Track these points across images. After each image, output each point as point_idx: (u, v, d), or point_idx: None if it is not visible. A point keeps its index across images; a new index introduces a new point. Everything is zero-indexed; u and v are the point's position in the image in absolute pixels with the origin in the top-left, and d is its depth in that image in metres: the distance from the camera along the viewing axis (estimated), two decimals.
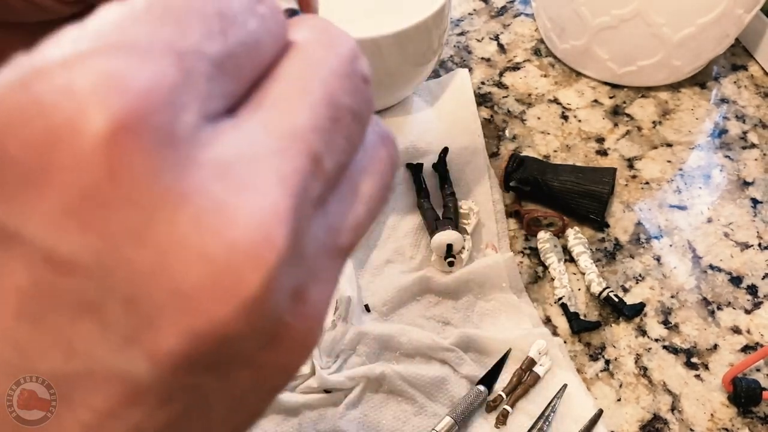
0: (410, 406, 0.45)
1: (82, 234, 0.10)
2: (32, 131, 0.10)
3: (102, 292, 0.11)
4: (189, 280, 0.11)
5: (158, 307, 0.11)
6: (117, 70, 0.11)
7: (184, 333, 0.11)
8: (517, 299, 0.50)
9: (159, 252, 0.11)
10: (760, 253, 0.54)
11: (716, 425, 0.45)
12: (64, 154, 0.10)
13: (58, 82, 0.10)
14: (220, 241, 0.11)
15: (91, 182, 0.10)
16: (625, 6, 0.58)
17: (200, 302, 0.11)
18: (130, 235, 0.11)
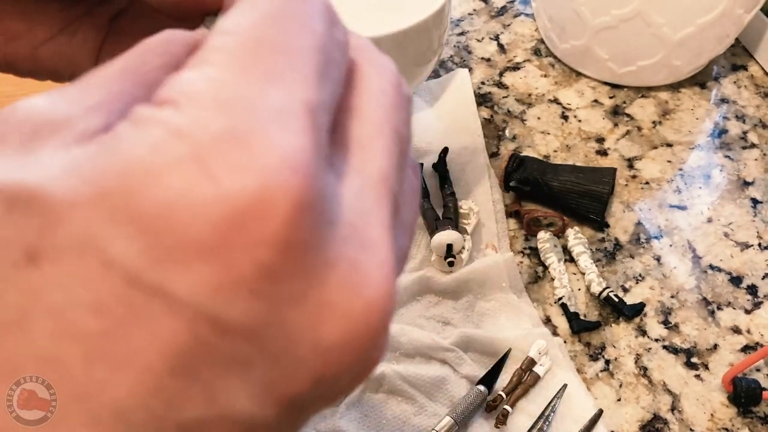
0: (410, 406, 0.45)
1: (251, 302, 0.11)
2: (213, 209, 0.11)
3: (255, 351, 0.12)
4: (332, 337, 0.12)
5: (300, 361, 0.12)
6: (280, 144, 0.11)
7: (313, 379, 0.12)
8: (517, 299, 0.50)
9: (311, 314, 0.12)
10: (760, 253, 0.54)
11: (716, 425, 0.45)
12: (246, 233, 0.11)
13: (232, 159, 0.11)
14: (359, 301, 0.12)
15: (269, 259, 0.11)
16: (625, 6, 0.58)
17: (339, 355, 0.12)
18: (292, 302, 0.12)
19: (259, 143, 0.11)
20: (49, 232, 0.11)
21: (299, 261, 0.11)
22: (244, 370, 0.12)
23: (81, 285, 0.11)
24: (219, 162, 0.11)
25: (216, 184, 0.11)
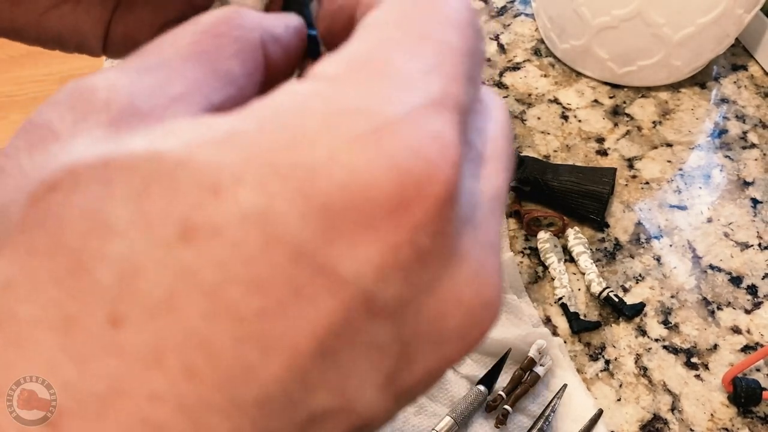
0: (410, 405, 0.45)
1: (401, 285, 0.11)
2: (387, 185, 0.11)
3: (392, 337, 0.12)
4: (452, 330, 0.12)
5: (421, 352, 0.12)
6: (440, 132, 0.12)
7: (426, 373, 0.13)
8: (517, 299, 0.50)
9: (443, 304, 0.12)
10: (760, 253, 0.54)
11: (716, 425, 0.45)
12: (411, 212, 0.11)
13: (407, 139, 0.11)
14: (481, 299, 0.13)
15: (424, 243, 0.11)
16: (625, 6, 0.58)
17: (454, 349, 0.13)
18: (429, 290, 0.12)
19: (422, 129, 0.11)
20: (206, 207, 0.10)
21: (444, 248, 0.12)
22: (377, 356, 0.12)
23: (241, 262, 0.10)
24: (391, 141, 0.11)
25: (391, 161, 0.11)
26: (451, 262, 0.12)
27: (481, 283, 0.13)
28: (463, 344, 0.13)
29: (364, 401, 0.12)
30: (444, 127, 0.12)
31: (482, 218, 0.13)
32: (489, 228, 0.13)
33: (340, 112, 0.11)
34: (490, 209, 0.14)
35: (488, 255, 0.13)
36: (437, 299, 0.12)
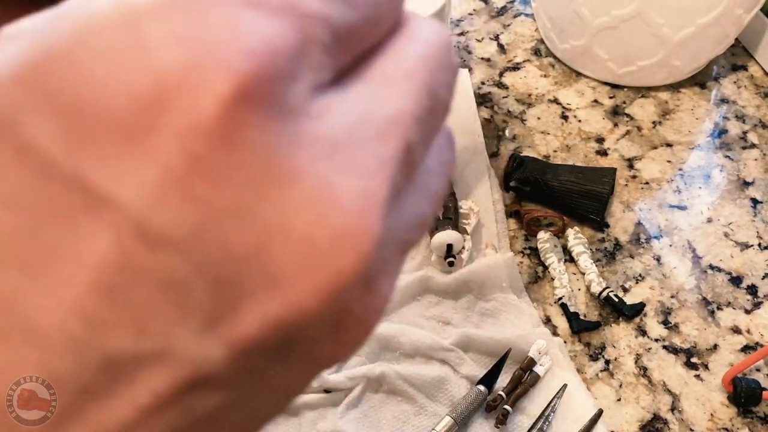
0: (410, 406, 0.45)
1: (183, 207, 0.09)
2: (140, 81, 0.09)
3: (191, 272, 0.10)
4: (286, 267, 0.10)
5: (246, 292, 0.10)
6: (238, 23, 0.10)
7: (266, 320, 0.10)
8: (517, 299, 0.50)
9: (261, 233, 0.10)
10: (760, 253, 0.54)
11: (716, 425, 0.45)
12: (176, 115, 0.09)
13: (172, 27, 0.09)
14: (325, 228, 0.10)
15: (203, 152, 0.09)
16: (625, 6, 0.58)
17: (292, 290, 0.10)
18: (234, 213, 0.10)
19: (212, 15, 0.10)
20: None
21: (242, 159, 0.10)
22: (179, 296, 0.10)
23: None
24: (156, 31, 0.09)
25: (147, 56, 0.09)
26: (266, 178, 0.10)
27: (324, 208, 0.10)
28: (308, 286, 0.10)
29: (184, 348, 0.10)
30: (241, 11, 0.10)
31: (348, 135, 0.11)
32: (362, 149, 0.11)
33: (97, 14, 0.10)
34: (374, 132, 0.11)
35: (349, 177, 0.11)
36: (253, 227, 0.10)
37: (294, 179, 0.10)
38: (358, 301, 0.12)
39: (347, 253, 0.10)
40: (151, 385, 0.10)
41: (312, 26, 0.11)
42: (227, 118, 0.09)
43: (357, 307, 0.12)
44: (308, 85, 0.11)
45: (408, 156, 0.12)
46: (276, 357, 0.12)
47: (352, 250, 0.10)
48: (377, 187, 0.11)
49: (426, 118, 0.13)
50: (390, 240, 0.12)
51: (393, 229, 0.12)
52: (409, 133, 0.12)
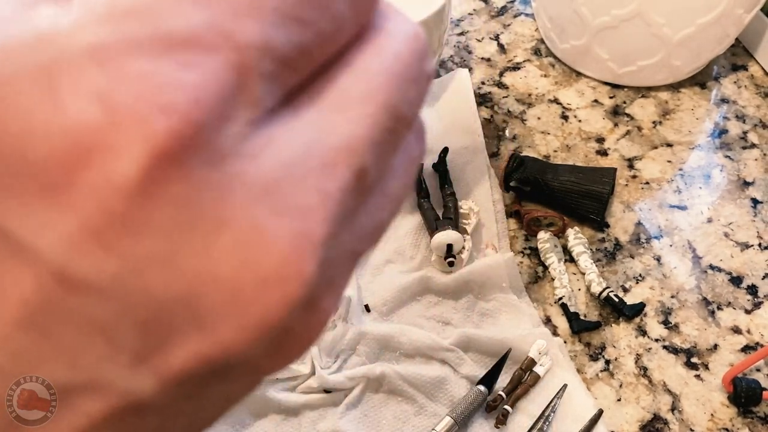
0: (410, 406, 0.45)
1: (102, 258, 0.09)
2: (57, 138, 0.09)
3: (115, 314, 0.10)
4: (214, 311, 0.10)
5: (174, 333, 0.10)
6: (159, 74, 0.09)
7: (197, 355, 0.11)
8: (517, 299, 0.50)
9: (187, 281, 0.10)
10: (760, 253, 0.54)
11: (716, 425, 0.45)
12: (95, 173, 0.09)
13: (88, 82, 0.09)
14: (253, 275, 0.10)
15: (121, 207, 0.09)
16: (625, 6, 0.58)
17: (220, 332, 0.10)
18: (156, 262, 0.10)
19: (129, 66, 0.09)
20: None
21: (163, 212, 0.09)
22: (106, 334, 0.10)
23: None
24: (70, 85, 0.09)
25: (62, 110, 0.09)
26: (190, 228, 0.10)
27: (252, 253, 0.10)
28: (237, 327, 0.10)
29: (115, 379, 0.11)
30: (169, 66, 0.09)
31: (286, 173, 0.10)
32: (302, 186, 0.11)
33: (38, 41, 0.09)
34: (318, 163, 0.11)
35: (283, 219, 0.10)
36: (176, 276, 0.10)
37: (222, 226, 0.10)
38: (299, 322, 0.12)
39: (274, 296, 0.10)
40: (86, 411, 0.11)
41: (249, 58, 0.10)
42: (146, 177, 0.09)
43: (298, 327, 0.12)
44: (245, 121, 0.10)
45: (360, 183, 0.12)
46: (212, 382, 0.12)
47: (280, 293, 0.10)
48: (314, 226, 0.11)
49: (385, 139, 0.12)
50: (337, 257, 0.12)
51: (341, 246, 0.12)
52: (362, 159, 0.11)
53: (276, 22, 0.10)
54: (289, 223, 0.10)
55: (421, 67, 0.13)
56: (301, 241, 0.10)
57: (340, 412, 0.44)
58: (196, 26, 0.10)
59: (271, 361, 0.12)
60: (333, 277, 0.12)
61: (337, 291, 0.13)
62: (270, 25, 0.10)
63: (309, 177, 0.11)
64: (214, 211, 0.10)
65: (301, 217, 0.11)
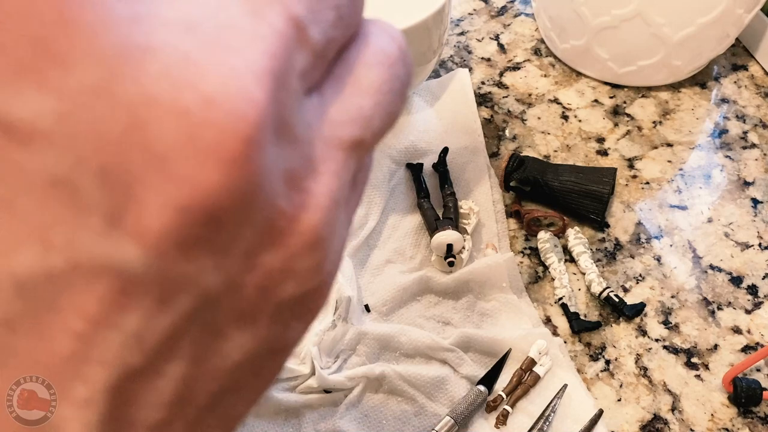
0: (410, 406, 0.45)
1: (38, 94, 0.09)
2: None
3: (71, 164, 0.09)
4: (164, 139, 0.10)
5: (136, 175, 0.10)
6: None
7: (169, 204, 0.10)
8: (517, 299, 0.50)
9: (127, 110, 0.09)
10: (761, 253, 0.54)
11: (716, 425, 0.45)
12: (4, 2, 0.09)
13: None
14: (193, 94, 0.10)
15: (43, 33, 0.09)
16: (625, 6, 0.58)
17: (180, 163, 0.10)
18: (93, 93, 0.09)
19: None
20: None
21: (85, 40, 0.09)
22: (69, 194, 0.09)
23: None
24: None
25: None
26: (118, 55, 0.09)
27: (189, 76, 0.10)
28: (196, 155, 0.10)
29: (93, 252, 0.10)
30: None
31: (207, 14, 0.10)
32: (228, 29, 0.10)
33: None
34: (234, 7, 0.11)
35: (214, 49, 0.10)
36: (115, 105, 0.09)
37: (148, 52, 0.10)
38: (282, 197, 0.11)
39: (227, 117, 0.10)
40: (79, 307, 0.10)
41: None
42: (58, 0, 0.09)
43: (283, 203, 0.11)
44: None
45: (299, 33, 0.11)
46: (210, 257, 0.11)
47: (233, 116, 0.10)
48: (255, 58, 0.10)
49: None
50: (308, 132, 0.12)
51: (310, 120, 0.12)
52: (290, 7, 0.11)
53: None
54: (224, 55, 0.10)
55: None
56: (243, 69, 0.10)
57: (340, 412, 0.44)
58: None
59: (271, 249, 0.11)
60: (314, 157, 0.12)
61: (329, 177, 0.12)
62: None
63: (235, 22, 0.10)
64: (136, 39, 0.10)
65: (235, 52, 0.10)
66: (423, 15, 0.53)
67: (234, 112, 0.10)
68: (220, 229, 0.10)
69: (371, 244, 0.53)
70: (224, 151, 0.10)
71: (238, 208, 0.10)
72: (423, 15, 0.53)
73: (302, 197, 0.12)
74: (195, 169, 0.10)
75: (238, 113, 0.10)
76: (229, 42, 0.10)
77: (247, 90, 0.10)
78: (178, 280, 0.10)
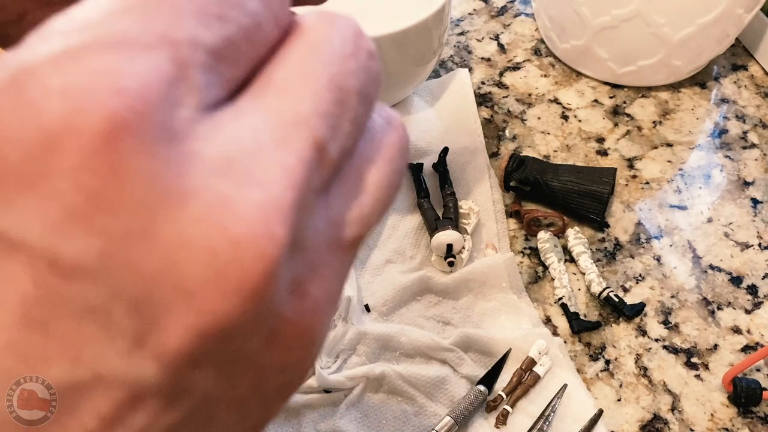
0: (410, 406, 0.45)
1: (86, 237, 0.10)
2: (29, 135, 0.10)
3: (108, 297, 0.11)
4: (195, 277, 0.11)
5: (164, 307, 0.11)
6: (109, 68, 0.10)
7: (189, 330, 0.11)
8: (517, 299, 0.50)
9: (165, 251, 0.11)
10: (760, 253, 0.54)
11: (716, 425, 0.45)
12: (63, 156, 0.10)
13: (50, 83, 0.10)
14: (224, 237, 0.11)
15: (93, 184, 0.10)
16: (625, 6, 0.58)
17: (205, 298, 0.11)
18: (135, 236, 0.10)
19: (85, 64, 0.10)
20: None
21: (132, 187, 0.10)
22: (102, 320, 0.11)
23: None
24: (37, 88, 0.10)
25: (32, 112, 0.10)
26: (161, 201, 0.11)
27: (221, 219, 0.11)
28: (221, 292, 0.11)
29: (116, 369, 0.11)
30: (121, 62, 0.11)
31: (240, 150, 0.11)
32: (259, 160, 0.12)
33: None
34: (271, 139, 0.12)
35: (245, 189, 0.11)
36: (156, 246, 0.11)
37: (187, 197, 0.11)
38: (288, 305, 0.12)
39: (251, 257, 0.11)
40: (95, 409, 0.11)
41: (185, 51, 0.11)
42: (108, 151, 0.10)
43: (287, 311, 0.12)
44: (193, 107, 0.11)
45: (321, 154, 0.12)
46: (218, 368, 0.12)
47: (257, 257, 0.11)
48: (280, 192, 0.11)
49: (337, 111, 0.13)
50: (314, 239, 0.13)
51: (317, 227, 0.13)
52: (316, 131, 0.12)
53: (200, 21, 0.12)
54: (254, 192, 0.11)
55: (356, 44, 0.14)
56: (269, 206, 0.11)
57: (340, 412, 0.44)
58: (135, 30, 0.11)
59: (272, 352, 0.13)
60: (317, 262, 0.13)
61: (328, 279, 0.13)
62: (195, 24, 0.12)
63: (265, 153, 0.12)
64: (178, 184, 0.11)
65: (264, 188, 0.11)
66: (423, 15, 0.53)
67: (258, 252, 0.11)
68: (230, 344, 0.12)
69: (371, 244, 0.53)
70: (246, 287, 0.11)
71: (250, 326, 0.12)
72: (423, 15, 0.53)
73: (303, 303, 0.13)
74: (218, 303, 0.11)
75: (262, 253, 0.11)
76: (259, 177, 0.11)
77: (271, 230, 0.11)
78: (186, 387, 0.12)
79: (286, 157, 0.12)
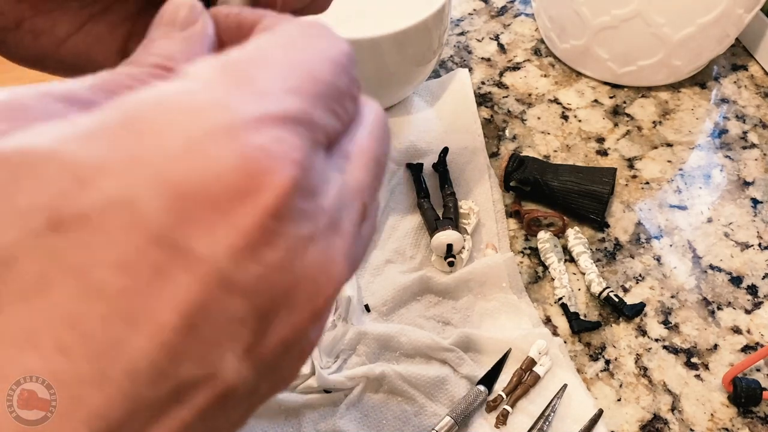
0: (410, 406, 0.45)
1: (253, 264, 0.13)
2: (232, 174, 0.12)
3: (249, 310, 0.13)
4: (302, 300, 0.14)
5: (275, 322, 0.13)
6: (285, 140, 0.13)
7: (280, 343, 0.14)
8: (517, 299, 0.50)
9: (293, 282, 0.14)
10: (760, 253, 0.54)
11: (716, 425, 0.45)
12: (257, 200, 0.13)
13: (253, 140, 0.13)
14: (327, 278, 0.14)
15: (271, 227, 0.13)
16: (625, 6, 0.58)
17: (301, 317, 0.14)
18: (281, 269, 0.13)
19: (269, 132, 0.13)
20: (73, 196, 0.11)
21: (292, 231, 0.13)
22: (237, 329, 0.13)
23: (105, 245, 0.11)
24: (242, 137, 0.13)
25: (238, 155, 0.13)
26: (301, 242, 0.13)
27: (329, 263, 0.14)
28: (310, 313, 0.14)
29: (227, 371, 0.13)
30: (287, 134, 0.13)
31: (336, 208, 0.15)
32: (343, 216, 0.15)
33: (201, 109, 0.13)
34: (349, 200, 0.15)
35: (338, 238, 0.15)
36: (288, 278, 0.13)
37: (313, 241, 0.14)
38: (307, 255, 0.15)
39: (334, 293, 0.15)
40: (195, 403, 0.13)
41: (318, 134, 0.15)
42: (288, 203, 0.13)
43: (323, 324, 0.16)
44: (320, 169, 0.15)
45: (363, 214, 0.16)
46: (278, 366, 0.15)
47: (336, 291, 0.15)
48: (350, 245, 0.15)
49: (374, 183, 0.17)
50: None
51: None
52: (365, 196, 0.16)
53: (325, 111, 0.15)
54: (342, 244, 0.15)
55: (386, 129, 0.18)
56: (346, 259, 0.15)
57: (340, 412, 0.44)
58: (291, 109, 0.14)
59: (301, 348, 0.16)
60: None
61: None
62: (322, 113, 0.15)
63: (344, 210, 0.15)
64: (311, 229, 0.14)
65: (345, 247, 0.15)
66: (423, 15, 0.53)
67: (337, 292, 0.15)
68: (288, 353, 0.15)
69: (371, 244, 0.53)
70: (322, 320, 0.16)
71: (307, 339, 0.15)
72: (423, 15, 0.53)
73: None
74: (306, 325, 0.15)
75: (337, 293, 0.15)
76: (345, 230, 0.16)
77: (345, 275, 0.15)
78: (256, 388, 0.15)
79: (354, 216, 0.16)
